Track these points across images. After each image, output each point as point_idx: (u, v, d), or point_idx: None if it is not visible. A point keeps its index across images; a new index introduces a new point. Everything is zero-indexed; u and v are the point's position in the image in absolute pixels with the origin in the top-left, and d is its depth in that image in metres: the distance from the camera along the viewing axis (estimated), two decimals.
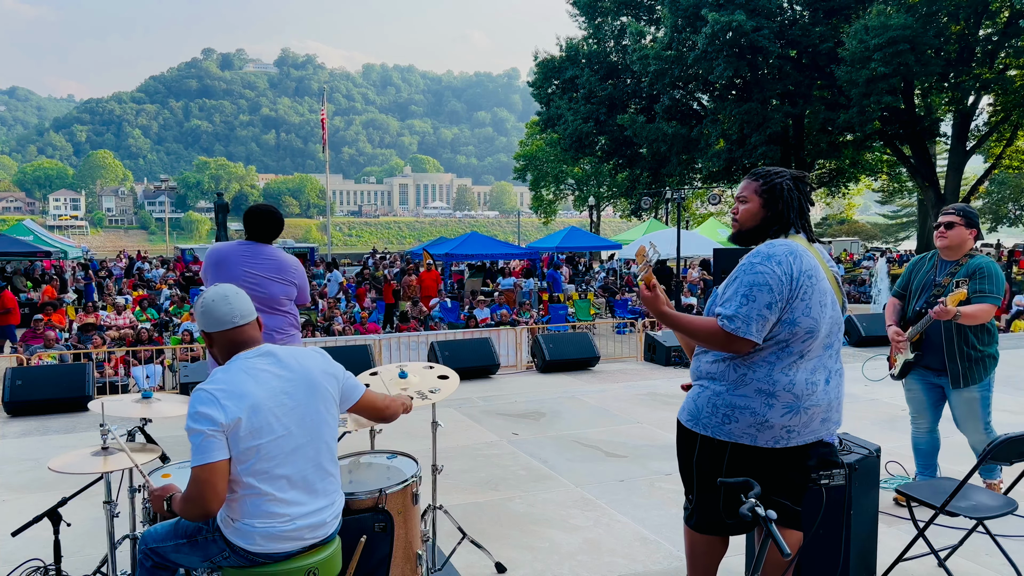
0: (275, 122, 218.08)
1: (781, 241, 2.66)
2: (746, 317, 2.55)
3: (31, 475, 5.40)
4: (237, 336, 2.44)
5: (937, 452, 4.45)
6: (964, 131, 27.88)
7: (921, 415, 4.45)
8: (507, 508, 4.64)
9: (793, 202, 2.72)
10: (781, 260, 2.57)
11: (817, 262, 2.66)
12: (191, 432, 2.25)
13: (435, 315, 15.82)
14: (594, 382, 8.66)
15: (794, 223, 2.72)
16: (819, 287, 2.61)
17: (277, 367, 2.40)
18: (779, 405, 2.61)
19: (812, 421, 2.67)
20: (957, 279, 4.03)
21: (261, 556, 2.34)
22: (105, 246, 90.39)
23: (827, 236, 55.02)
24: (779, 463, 2.70)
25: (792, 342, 2.60)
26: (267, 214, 4.26)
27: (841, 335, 2.79)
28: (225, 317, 2.43)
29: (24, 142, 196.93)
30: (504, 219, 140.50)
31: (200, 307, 2.47)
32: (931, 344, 4.24)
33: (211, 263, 4.18)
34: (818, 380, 2.66)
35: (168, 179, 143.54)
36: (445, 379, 3.62)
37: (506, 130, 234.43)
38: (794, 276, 2.56)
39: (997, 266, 4.09)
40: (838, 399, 2.76)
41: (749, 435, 2.65)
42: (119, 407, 3.32)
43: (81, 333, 11.88)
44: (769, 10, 27.38)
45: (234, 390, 2.28)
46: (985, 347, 4.16)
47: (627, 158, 34.11)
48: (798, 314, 2.57)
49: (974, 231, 4.14)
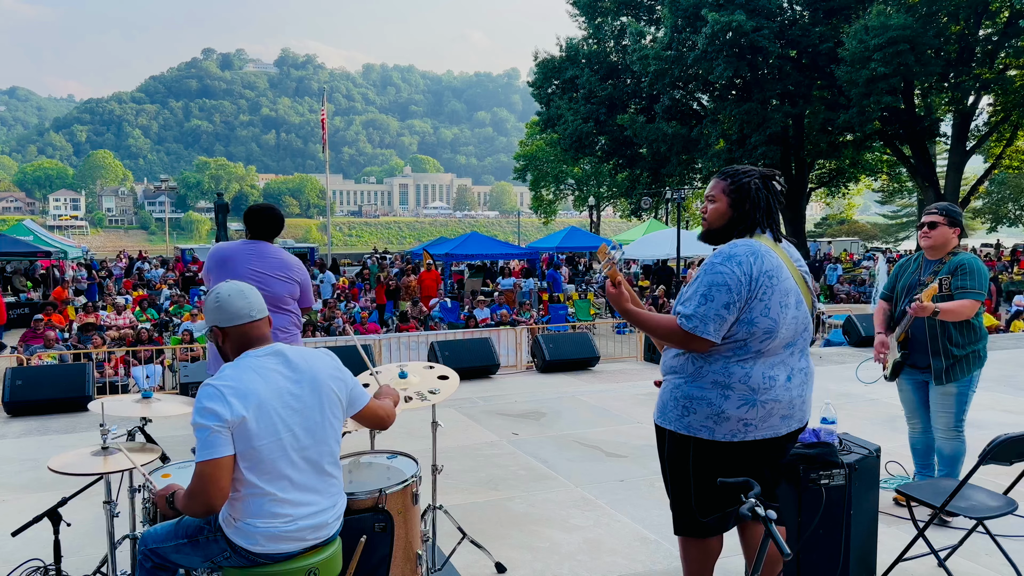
0: (275, 122, 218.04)
1: (744, 241, 2.67)
2: (703, 316, 2.59)
3: (31, 475, 5.40)
4: (251, 331, 2.44)
5: (934, 451, 4.43)
6: (964, 131, 27.88)
7: (914, 415, 4.45)
8: (507, 508, 4.64)
9: (760, 202, 2.72)
10: (742, 260, 2.59)
11: (781, 262, 2.66)
12: (197, 427, 2.25)
13: (435, 315, 15.82)
14: (594, 382, 8.66)
15: (760, 223, 2.72)
16: (780, 288, 2.62)
17: (286, 367, 2.40)
18: (735, 396, 2.64)
19: (770, 416, 2.67)
20: (940, 277, 4.03)
21: (263, 556, 2.34)
22: (105, 246, 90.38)
23: (827, 236, 55.05)
24: (745, 458, 2.71)
25: (750, 341, 2.62)
26: (269, 212, 4.28)
27: (808, 334, 2.78)
28: (242, 311, 2.43)
29: (24, 142, 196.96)
30: (504, 219, 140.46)
31: (214, 301, 2.45)
32: (916, 342, 4.24)
33: (215, 262, 4.17)
34: (777, 376, 2.66)
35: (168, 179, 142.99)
36: (445, 379, 3.62)
37: (506, 130, 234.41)
38: (753, 276, 2.58)
39: (980, 262, 4.09)
40: (800, 398, 2.75)
41: (707, 428, 2.68)
42: (119, 407, 3.32)
43: (81, 333, 11.88)
44: (769, 10, 27.38)
45: (242, 388, 2.29)
46: (969, 344, 4.11)
47: (627, 158, 34.12)
48: (756, 314, 2.60)
49: (957, 230, 4.15)
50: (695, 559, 2.84)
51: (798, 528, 3.10)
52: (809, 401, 2.84)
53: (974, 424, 6.33)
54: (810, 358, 2.86)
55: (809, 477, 3.10)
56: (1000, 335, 13.12)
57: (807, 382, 2.80)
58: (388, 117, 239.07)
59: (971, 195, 31.69)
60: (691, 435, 2.71)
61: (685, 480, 2.77)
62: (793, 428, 2.77)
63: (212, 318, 2.46)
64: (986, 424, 6.36)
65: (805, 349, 2.81)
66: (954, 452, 4.20)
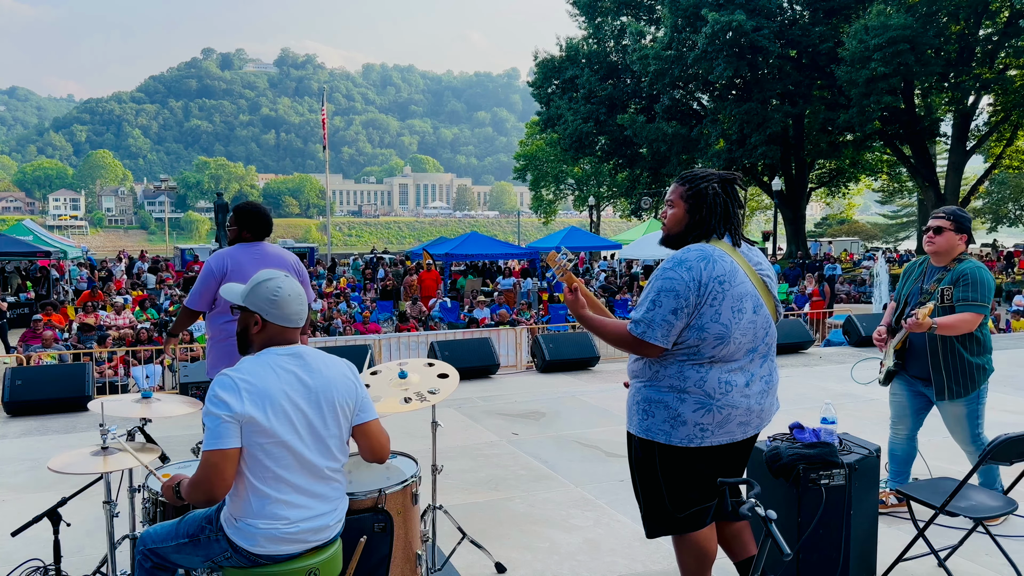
0: (275, 122, 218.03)
1: (699, 246, 2.66)
2: (650, 322, 2.60)
3: (31, 475, 5.40)
4: (287, 335, 2.44)
5: (912, 460, 4.32)
6: (964, 131, 27.89)
7: (901, 420, 4.28)
8: (507, 508, 4.64)
9: (717, 207, 2.70)
10: (692, 266, 2.59)
11: (737, 267, 2.64)
12: (207, 415, 2.26)
13: (435, 315, 15.83)
14: (594, 382, 8.66)
15: (716, 228, 2.70)
16: (732, 293, 2.60)
17: (303, 370, 2.40)
18: (691, 400, 2.64)
19: (728, 422, 2.67)
20: (942, 287, 3.90)
21: (263, 557, 2.34)
22: (105, 246, 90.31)
23: (827, 236, 55.04)
24: (705, 464, 2.72)
25: (702, 347, 2.62)
26: (262, 212, 4.33)
27: (769, 340, 2.75)
28: (292, 316, 2.43)
29: (24, 142, 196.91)
30: (504, 219, 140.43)
31: (272, 293, 2.40)
32: (915, 352, 4.07)
33: (225, 269, 4.13)
34: (735, 381, 2.65)
35: (168, 179, 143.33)
36: (445, 377, 3.61)
37: (506, 130, 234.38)
38: (703, 282, 2.57)
39: (986, 271, 3.90)
40: (760, 405, 2.72)
41: (664, 432, 2.68)
42: (119, 407, 3.31)
43: (81, 333, 11.88)
44: (769, 10, 27.40)
45: (256, 384, 2.29)
46: (974, 357, 3.91)
47: (627, 158, 34.12)
48: (707, 320, 2.59)
49: (964, 236, 3.95)
50: (689, 557, 2.84)
51: (798, 528, 3.10)
52: (770, 409, 2.79)
53: None
54: (774, 365, 2.82)
55: (809, 477, 3.09)
56: (1000, 335, 13.12)
57: (768, 390, 2.76)
58: (388, 117, 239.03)
59: (971, 195, 31.69)
60: (651, 439, 2.72)
61: (655, 483, 2.77)
62: (749, 435, 2.75)
63: (261, 306, 2.41)
64: (986, 424, 6.34)
65: (768, 356, 2.78)
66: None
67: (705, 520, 2.80)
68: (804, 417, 4.18)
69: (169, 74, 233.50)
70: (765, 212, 51.35)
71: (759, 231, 48.40)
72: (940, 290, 3.91)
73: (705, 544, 2.82)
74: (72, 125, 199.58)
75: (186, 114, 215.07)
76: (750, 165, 31.16)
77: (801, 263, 27.07)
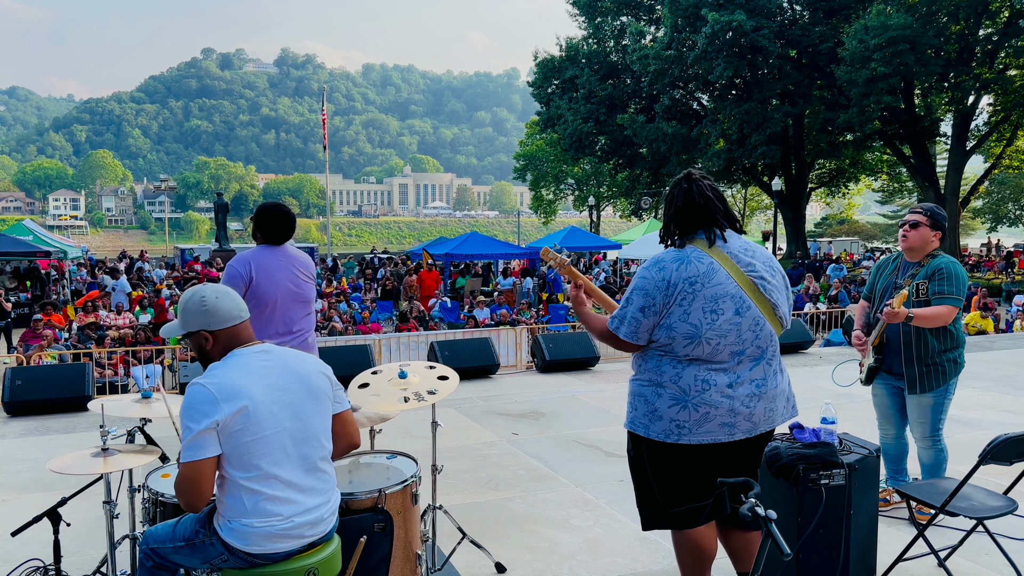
0: (275, 122, 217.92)
1: (677, 249, 2.74)
2: (621, 318, 2.73)
3: (31, 475, 5.40)
4: (241, 331, 2.43)
5: (906, 457, 4.33)
6: (964, 131, 27.88)
7: (887, 420, 4.29)
8: (507, 508, 4.64)
9: (669, 208, 2.81)
10: (664, 266, 2.67)
11: (715, 268, 2.65)
12: (184, 428, 2.24)
13: (435, 315, 15.82)
14: (594, 382, 8.66)
15: (689, 228, 2.75)
16: (704, 294, 2.62)
17: (274, 364, 2.40)
18: (666, 395, 2.69)
19: (707, 421, 2.65)
20: (917, 281, 3.92)
21: (260, 557, 2.34)
22: (105, 246, 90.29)
23: (827, 236, 55.06)
24: (690, 462, 2.72)
25: (674, 346, 2.67)
26: (286, 215, 4.10)
27: (761, 344, 2.71)
28: (232, 312, 2.41)
29: (24, 142, 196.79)
30: (504, 219, 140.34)
31: (201, 306, 2.38)
32: (892, 347, 4.09)
33: (250, 272, 3.94)
34: (714, 380, 2.65)
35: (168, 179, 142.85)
36: (445, 380, 3.61)
37: (506, 130, 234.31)
38: (672, 282, 2.63)
39: (959, 266, 3.95)
40: (748, 408, 2.68)
41: (644, 425, 2.74)
42: (119, 407, 3.31)
43: (81, 333, 11.88)
44: (769, 10, 27.40)
45: (231, 386, 2.27)
46: (946, 351, 3.94)
47: (627, 158, 34.13)
48: (675, 319, 2.64)
49: (939, 233, 3.99)
50: (687, 555, 2.85)
51: (798, 528, 3.10)
52: (764, 415, 2.74)
53: (974, 424, 6.34)
54: (772, 370, 2.77)
55: (809, 477, 3.09)
56: (1000, 335, 13.12)
57: (760, 393, 2.71)
58: (388, 117, 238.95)
59: (971, 195, 31.70)
60: (633, 431, 2.81)
61: (645, 476, 2.83)
62: (738, 438, 2.71)
63: (199, 322, 2.38)
64: (986, 424, 6.36)
65: (762, 360, 2.73)
66: (934, 460, 4.08)
67: (700, 518, 2.80)
68: (804, 417, 4.16)
69: (169, 74, 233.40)
70: (765, 212, 51.40)
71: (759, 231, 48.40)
72: (915, 285, 3.94)
73: (703, 542, 2.82)
74: (72, 125, 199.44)
75: (186, 114, 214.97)
76: (750, 165, 31.19)
77: (802, 263, 27.10)
